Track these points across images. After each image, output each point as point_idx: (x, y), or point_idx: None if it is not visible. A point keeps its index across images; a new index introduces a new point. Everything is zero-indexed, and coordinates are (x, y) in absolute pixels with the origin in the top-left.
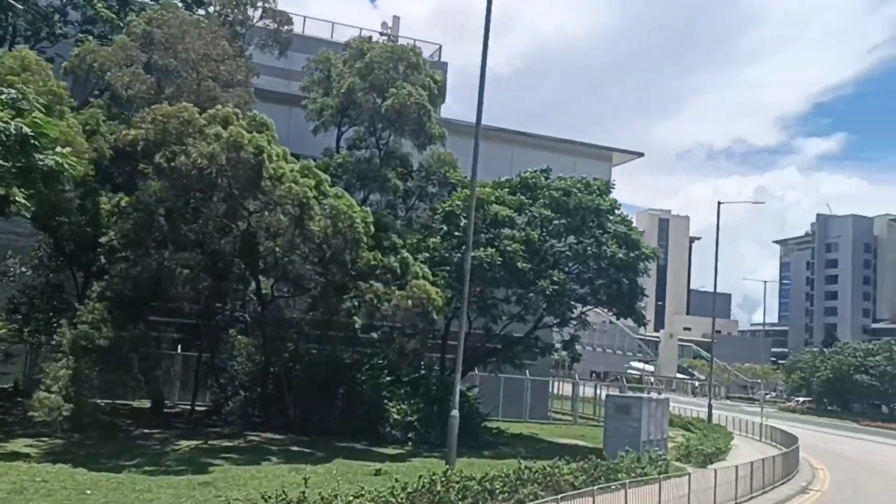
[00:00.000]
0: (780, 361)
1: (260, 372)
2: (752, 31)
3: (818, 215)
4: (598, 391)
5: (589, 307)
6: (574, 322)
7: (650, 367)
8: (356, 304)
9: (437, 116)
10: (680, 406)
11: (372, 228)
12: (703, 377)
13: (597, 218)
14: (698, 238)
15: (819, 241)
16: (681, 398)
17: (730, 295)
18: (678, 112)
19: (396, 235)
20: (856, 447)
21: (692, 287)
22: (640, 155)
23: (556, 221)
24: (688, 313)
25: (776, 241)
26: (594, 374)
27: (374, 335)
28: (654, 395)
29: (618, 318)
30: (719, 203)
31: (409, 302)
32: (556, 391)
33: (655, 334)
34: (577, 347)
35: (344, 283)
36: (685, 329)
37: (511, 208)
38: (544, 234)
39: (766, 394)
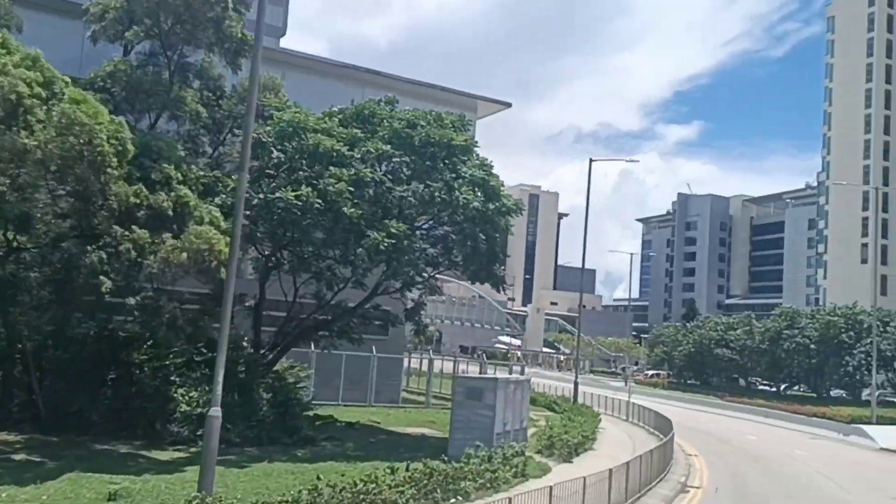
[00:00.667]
0: (641, 335)
1: (2, 351)
2: (621, 20)
3: (679, 194)
4: (457, 366)
5: (441, 269)
6: (420, 287)
7: (517, 342)
8: (104, 255)
9: (278, 47)
10: (545, 382)
11: (130, 150)
12: (568, 351)
13: (449, 158)
14: (566, 215)
15: (679, 220)
16: (546, 373)
17: (594, 271)
18: (550, 95)
19: (173, 166)
20: (725, 425)
21: (559, 263)
22: (508, 105)
23: (398, 159)
24: (555, 288)
25: (639, 220)
26: (461, 350)
27: (131, 301)
28: (515, 372)
29: (473, 283)
30: (591, 160)
31: (185, 255)
32: (420, 368)
33: (523, 309)
34: (446, 322)
35: (88, 226)
36: (552, 304)
37: (342, 142)
38: (385, 174)
39: (629, 367)
